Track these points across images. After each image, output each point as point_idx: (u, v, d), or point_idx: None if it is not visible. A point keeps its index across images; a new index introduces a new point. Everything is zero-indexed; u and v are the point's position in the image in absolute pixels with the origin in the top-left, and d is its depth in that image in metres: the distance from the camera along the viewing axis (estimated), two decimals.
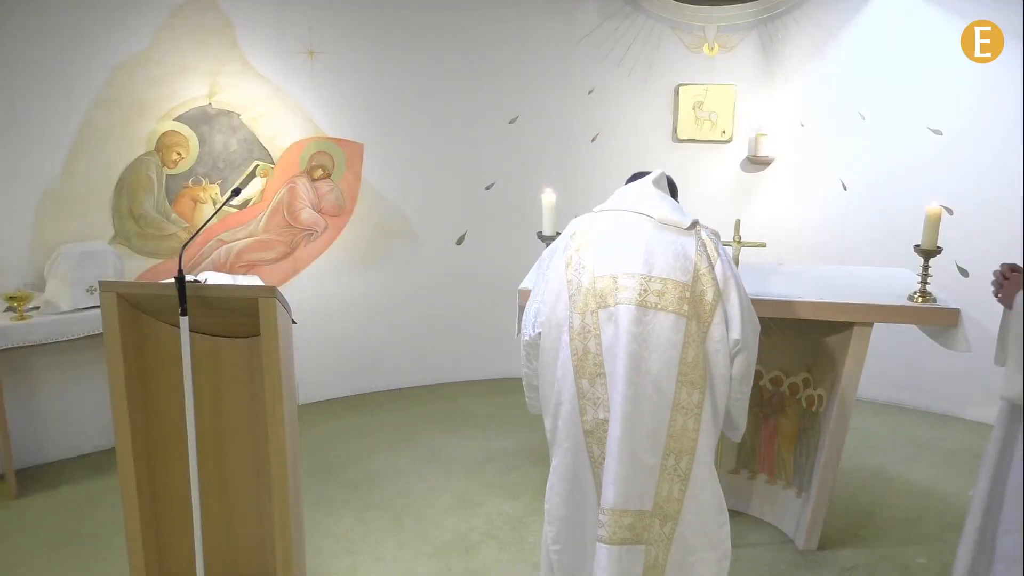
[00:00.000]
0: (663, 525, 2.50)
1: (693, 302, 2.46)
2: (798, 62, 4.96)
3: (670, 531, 2.51)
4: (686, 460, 2.48)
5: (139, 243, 4.37)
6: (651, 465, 2.46)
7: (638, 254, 2.50)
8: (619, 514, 2.45)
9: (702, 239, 2.58)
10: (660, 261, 2.49)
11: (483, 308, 5.21)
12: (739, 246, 3.25)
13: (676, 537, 2.51)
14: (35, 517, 3.72)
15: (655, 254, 2.50)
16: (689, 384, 2.46)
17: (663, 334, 2.44)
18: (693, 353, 2.45)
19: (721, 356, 2.50)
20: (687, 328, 2.45)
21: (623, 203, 2.67)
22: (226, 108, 4.46)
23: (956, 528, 3.62)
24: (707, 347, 2.48)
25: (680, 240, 2.54)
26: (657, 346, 2.44)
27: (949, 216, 4.46)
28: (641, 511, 2.47)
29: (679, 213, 2.62)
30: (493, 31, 4.99)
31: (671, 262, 2.49)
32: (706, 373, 2.48)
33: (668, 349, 2.44)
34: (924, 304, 3.19)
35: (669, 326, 2.44)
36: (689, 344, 2.45)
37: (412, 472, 4.17)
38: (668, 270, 2.48)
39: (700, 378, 2.46)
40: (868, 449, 4.41)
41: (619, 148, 5.21)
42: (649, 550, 2.50)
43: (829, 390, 3.37)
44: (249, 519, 2.57)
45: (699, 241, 2.56)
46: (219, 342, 2.45)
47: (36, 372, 4.13)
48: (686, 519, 2.51)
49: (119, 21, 4.13)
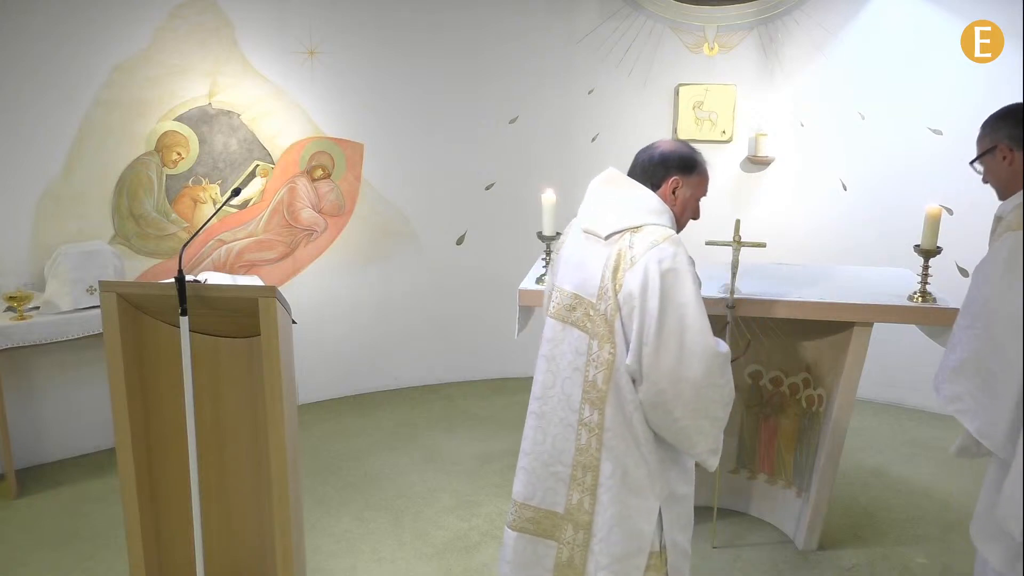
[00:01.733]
0: (576, 531, 2.49)
1: (597, 320, 2.37)
2: (798, 62, 4.96)
3: (583, 539, 2.48)
4: (591, 477, 2.44)
5: (139, 243, 4.37)
6: (559, 472, 2.47)
7: (571, 267, 2.46)
8: (520, 506, 2.53)
9: (618, 251, 2.32)
10: (578, 276, 2.43)
11: (483, 308, 5.21)
12: (739, 246, 3.24)
13: (591, 548, 2.48)
14: (35, 517, 3.72)
15: (580, 267, 2.43)
16: (590, 403, 2.40)
17: (570, 350, 2.42)
18: (593, 373, 2.38)
19: (624, 380, 2.33)
20: (589, 347, 2.38)
21: (582, 208, 2.56)
22: (226, 108, 4.46)
23: (956, 528, 3.64)
24: (614, 368, 2.37)
25: (602, 252, 2.38)
26: (565, 361, 2.43)
27: (949, 216, 4.47)
28: (551, 511, 2.50)
29: (612, 218, 2.38)
30: (493, 31, 4.99)
31: (585, 277, 2.40)
32: (607, 395, 2.37)
33: (573, 365, 2.41)
34: (924, 304, 3.19)
35: (574, 342, 2.41)
36: (591, 363, 2.38)
37: (412, 472, 4.17)
38: (580, 285, 2.41)
39: (599, 399, 2.38)
40: (868, 449, 4.41)
41: (619, 148, 5.18)
42: (562, 549, 2.50)
43: (829, 390, 3.37)
44: (249, 519, 2.57)
45: (616, 253, 2.32)
46: (219, 342, 2.45)
47: (36, 372, 4.13)
48: (598, 535, 2.46)
49: (119, 21, 4.13)
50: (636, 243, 2.31)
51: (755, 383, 3.59)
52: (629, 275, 2.29)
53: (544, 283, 3.39)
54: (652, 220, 2.37)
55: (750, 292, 3.27)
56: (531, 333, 3.85)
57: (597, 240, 2.39)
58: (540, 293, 3.38)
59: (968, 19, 4.42)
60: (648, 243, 2.30)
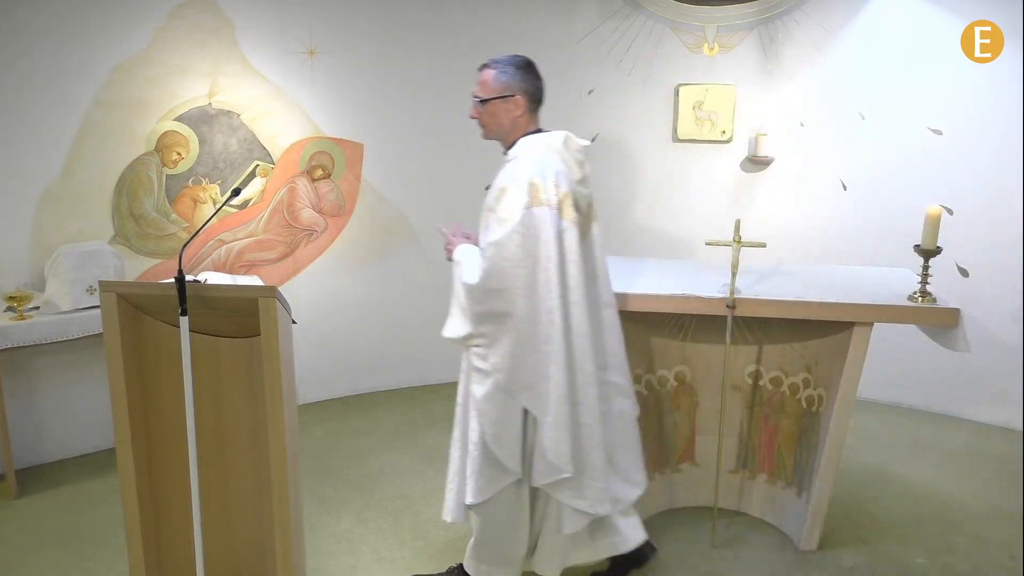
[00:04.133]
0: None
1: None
2: (798, 62, 4.96)
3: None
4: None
5: (139, 243, 4.37)
6: None
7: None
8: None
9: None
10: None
11: None
12: (739, 246, 3.24)
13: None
14: (35, 517, 3.72)
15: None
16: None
17: None
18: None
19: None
20: None
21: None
22: (226, 108, 4.46)
23: (956, 528, 3.64)
24: None
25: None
26: None
27: (949, 216, 4.47)
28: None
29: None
30: (493, 31, 4.99)
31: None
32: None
33: None
34: (924, 304, 3.19)
35: None
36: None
37: (412, 472, 4.17)
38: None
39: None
40: (868, 449, 4.41)
41: (619, 148, 5.21)
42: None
43: (829, 390, 3.37)
44: (249, 519, 2.57)
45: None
46: (219, 342, 2.45)
47: (36, 372, 4.13)
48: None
49: (119, 21, 4.13)
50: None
51: (755, 383, 3.59)
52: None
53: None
54: None
55: (750, 292, 3.27)
56: None
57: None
58: None
59: (968, 19, 4.42)
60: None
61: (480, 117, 2.81)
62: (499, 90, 2.72)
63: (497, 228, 2.63)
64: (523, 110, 2.75)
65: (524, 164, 2.69)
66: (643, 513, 3.60)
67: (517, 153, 2.75)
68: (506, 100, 2.73)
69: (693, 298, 3.26)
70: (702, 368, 3.62)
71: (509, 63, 2.75)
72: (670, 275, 3.55)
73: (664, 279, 3.46)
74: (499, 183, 2.72)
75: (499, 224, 2.63)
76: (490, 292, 2.65)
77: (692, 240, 5.07)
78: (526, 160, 2.70)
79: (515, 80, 2.73)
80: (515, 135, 2.79)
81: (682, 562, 3.36)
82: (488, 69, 2.76)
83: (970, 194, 4.63)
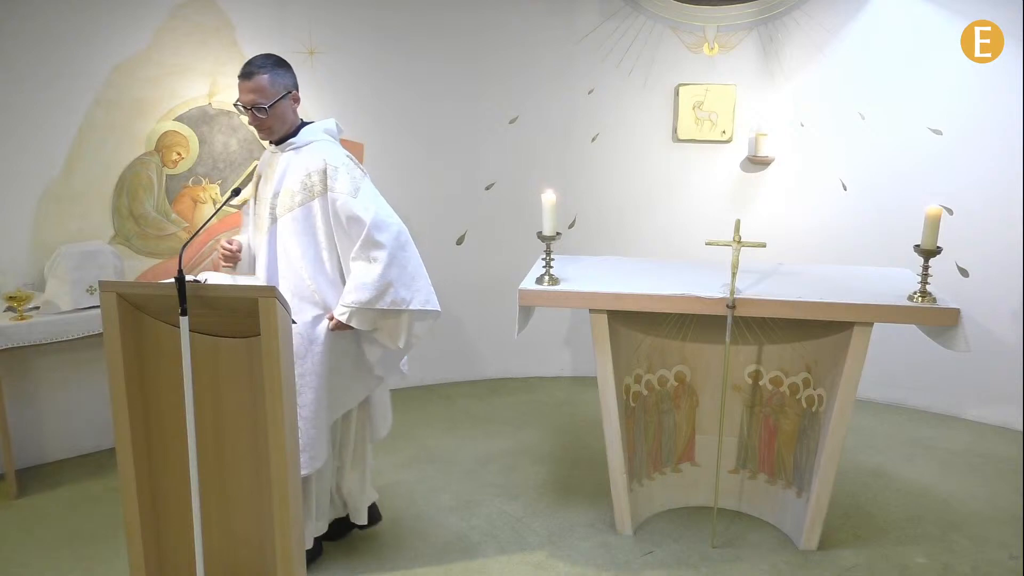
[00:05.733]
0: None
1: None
2: (798, 62, 4.96)
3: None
4: None
5: (139, 243, 4.37)
6: None
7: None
8: None
9: None
10: None
11: (483, 308, 5.21)
12: (739, 246, 3.25)
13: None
14: (35, 517, 3.72)
15: None
16: None
17: None
18: None
19: None
20: None
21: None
22: (226, 108, 4.46)
23: (956, 528, 3.64)
24: None
25: None
26: None
27: (949, 216, 4.47)
28: None
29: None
30: (493, 31, 4.99)
31: None
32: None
33: None
34: (924, 304, 3.19)
35: None
36: None
37: (412, 472, 4.17)
38: None
39: None
40: (868, 449, 4.41)
41: (619, 148, 5.21)
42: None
43: (829, 390, 3.37)
44: (249, 519, 2.57)
45: None
46: (219, 342, 2.45)
47: (36, 372, 4.13)
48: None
49: (119, 21, 4.13)
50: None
51: (755, 383, 3.59)
52: None
53: (544, 283, 3.40)
54: None
55: (750, 292, 3.27)
56: (531, 333, 3.86)
57: None
58: (540, 293, 3.39)
59: (968, 19, 4.42)
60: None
61: (266, 122, 2.95)
62: (279, 91, 2.92)
63: (358, 203, 2.91)
64: (299, 102, 3.02)
65: (326, 146, 3.01)
66: (644, 513, 3.61)
67: (307, 139, 3.02)
68: (286, 98, 2.95)
69: (693, 298, 3.26)
70: (702, 368, 3.62)
71: (273, 64, 2.93)
72: (670, 275, 3.55)
73: (664, 279, 3.46)
74: (309, 167, 2.95)
75: (355, 198, 2.91)
76: (411, 255, 3.03)
77: (692, 240, 5.06)
78: (323, 143, 3.02)
79: (287, 78, 2.96)
80: (295, 125, 3.04)
81: (682, 562, 3.36)
82: (258, 75, 2.89)
83: (970, 194, 4.63)
